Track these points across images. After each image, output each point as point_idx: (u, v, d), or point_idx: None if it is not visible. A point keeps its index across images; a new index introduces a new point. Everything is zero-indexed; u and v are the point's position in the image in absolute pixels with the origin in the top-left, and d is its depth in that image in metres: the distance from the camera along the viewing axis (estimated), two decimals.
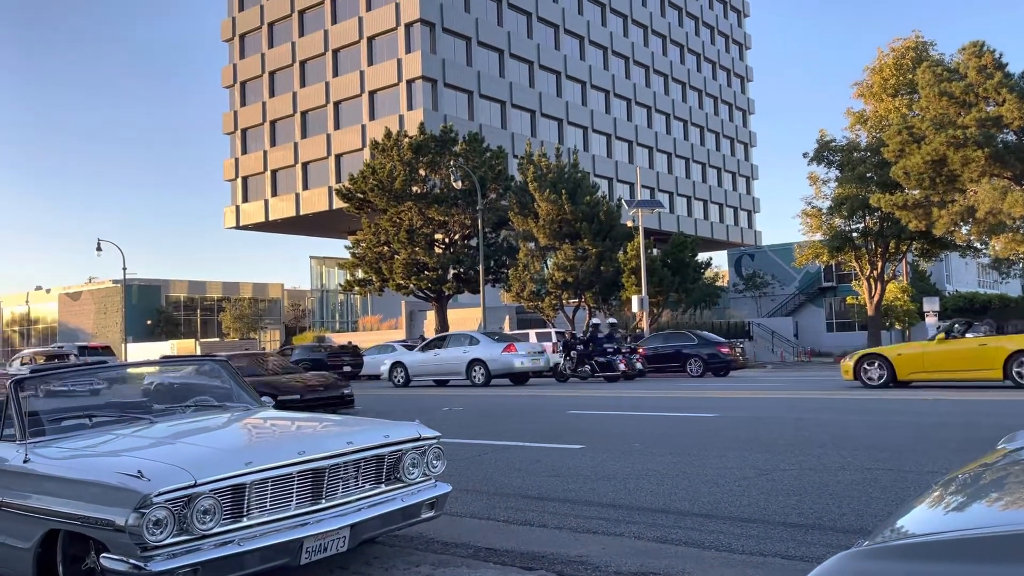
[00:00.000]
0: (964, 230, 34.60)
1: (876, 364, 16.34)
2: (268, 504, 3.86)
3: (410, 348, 27.85)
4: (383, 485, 4.43)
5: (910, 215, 33.40)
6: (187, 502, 3.53)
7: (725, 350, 25.11)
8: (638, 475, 7.27)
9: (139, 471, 3.56)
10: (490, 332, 26.20)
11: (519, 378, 23.06)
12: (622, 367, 22.87)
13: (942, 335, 16.44)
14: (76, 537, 3.79)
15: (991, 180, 30.45)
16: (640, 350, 24.68)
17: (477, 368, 22.64)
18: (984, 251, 42.22)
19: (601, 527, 5.45)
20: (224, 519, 3.66)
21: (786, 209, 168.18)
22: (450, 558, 4.79)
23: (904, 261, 46.75)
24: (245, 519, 3.75)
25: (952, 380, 15.80)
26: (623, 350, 23.58)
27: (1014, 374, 14.72)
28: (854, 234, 41.07)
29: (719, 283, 57.60)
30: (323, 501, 4.07)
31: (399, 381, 23.98)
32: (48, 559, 3.93)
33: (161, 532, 3.45)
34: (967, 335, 16.26)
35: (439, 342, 24.76)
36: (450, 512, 5.61)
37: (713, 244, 72.59)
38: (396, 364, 24.33)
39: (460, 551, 4.94)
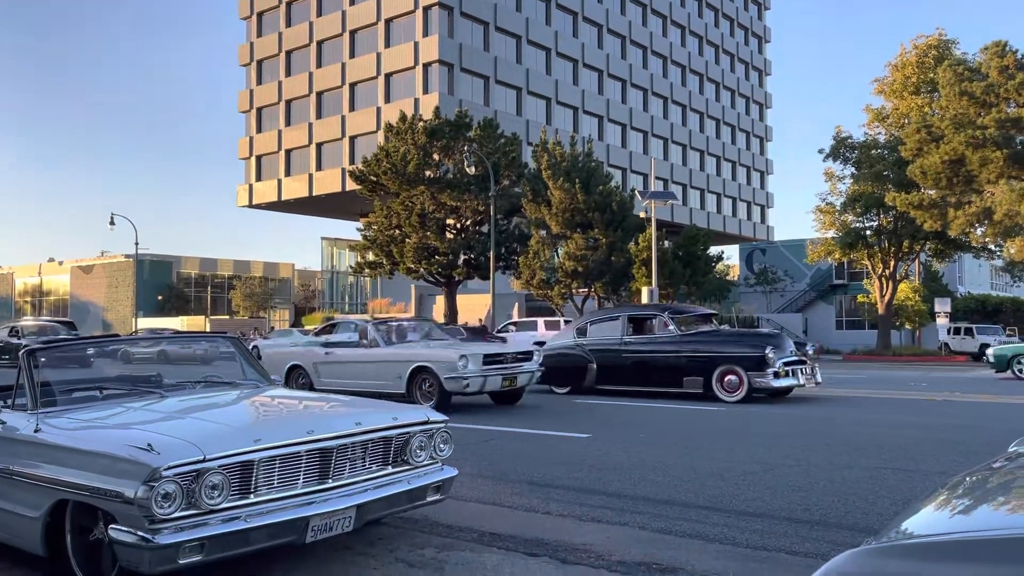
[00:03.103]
0: (979, 232, 34.38)
1: None
2: (276, 482, 3.89)
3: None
4: (390, 467, 4.45)
5: (925, 215, 33.19)
6: (196, 477, 3.56)
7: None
8: (643, 465, 7.29)
9: (149, 444, 3.59)
10: (377, 320, 28.55)
11: None
12: None
13: None
14: (85, 508, 3.82)
15: (1009, 182, 30.22)
16: None
17: None
18: (998, 253, 41.94)
19: (605, 516, 5.47)
20: (232, 495, 3.69)
21: (800, 204, 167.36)
22: (454, 541, 4.82)
23: (917, 261, 46.48)
24: (252, 496, 3.78)
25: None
26: None
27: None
28: (868, 232, 40.86)
29: (729, 277, 57.45)
30: (330, 481, 4.09)
31: None
32: (57, 529, 3.97)
33: (169, 505, 3.48)
34: None
35: (330, 328, 27.45)
36: (455, 496, 5.64)
37: (725, 238, 72.32)
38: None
39: (464, 535, 4.97)
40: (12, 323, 35.89)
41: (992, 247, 39.53)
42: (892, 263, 40.93)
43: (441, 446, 4.74)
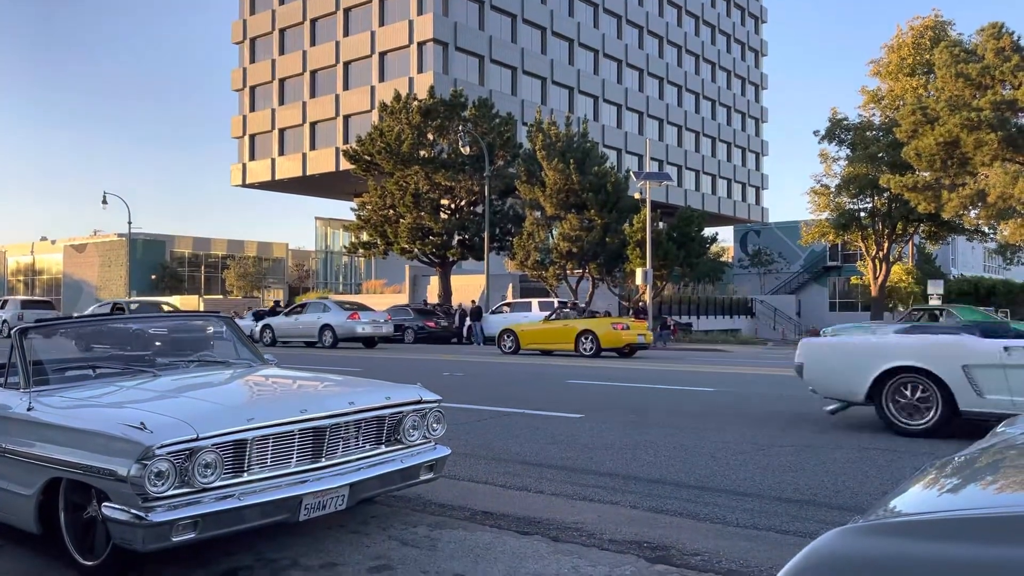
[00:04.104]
0: (973, 214, 34.46)
1: (509, 336, 22.60)
2: (269, 460, 3.90)
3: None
4: (383, 446, 4.46)
5: (919, 197, 33.24)
6: (189, 455, 3.56)
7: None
8: (635, 445, 7.33)
9: (142, 423, 3.59)
10: (341, 302, 29.36)
11: (368, 342, 26.13)
12: None
13: (544, 318, 23.41)
14: (78, 486, 3.83)
15: (1003, 164, 30.24)
16: None
17: (327, 332, 25.55)
18: (992, 236, 42.07)
19: (597, 495, 5.50)
20: (225, 473, 3.70)
21: (795, 186, 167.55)
22: (447, 520, 4.84)
23: (911, 243, 46.61)
24: (246, 474, 3.79)
25: (551, 349, 21.94)
26: None
27: (580, 347, 21.17)
28: (862, 214, 40.95)
29: (723, 259, 57.58)
30: (323, 460, 4.10)
31: (267, 341, 27.03)
32: (50, 506, 3.98)
33: (162, 484, 3.49)
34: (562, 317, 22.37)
35: (300, 308, 28.04)
36: (448, 475, 5.67)
37: (720, 219, 72.33)
38: (266, 326, 27.82)
39: (457, 514, 5.00)
40: (115, 299, 36.12)
41: (986, 229, 39.65)
42: (886, 245, 41.05)
43: (434, 425, 4.75)
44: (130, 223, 50.73)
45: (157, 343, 5.85)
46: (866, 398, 7.96)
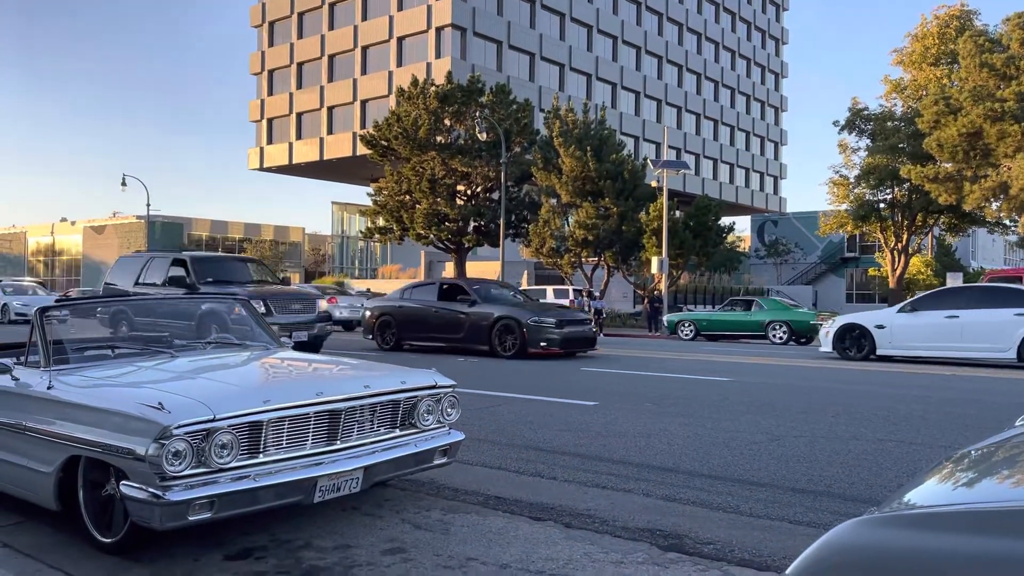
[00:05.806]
0: (995, 206, 34.09)
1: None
2: (284, 442, 3.93)
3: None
4: (398, 430, 4.49)
5: (940, 188, 32.91)
6: (206, 436, 3.60)
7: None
8: (649, 433, 7.33)
9: (160, 403, 3.63)
10: (322, 287, 29.43)
11: (347, 325, 26.94)
12: None
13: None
14: (97, 464, 3.88)
15: None
16: None
17: None
18: (1013, 228, 41.63)
19: (610, 483, 5.51)
20: (241, 454, 3.73)
21: (813, 176, 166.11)
22: (460, 504, 4.87)
23: (930, 235, 46.18)
24: (261, 456, 3.82)
25: None
26: None
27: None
28: (881, 205, 40.60)
29: (740, 248, 57.31)
30: (338, 442, 4.13)
31: None
32: (69, 484, 4.03)
33: (180, 463, 3.53)
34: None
35: None
36: (462, 460, 5.69)
37: (737, 209, 71.91)
38: None
39: (470, 498, 5.02)
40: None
41: (1007, 222, 39.23)
42: (905, 236, 40.70)
43: (448, 410, 4.77)
44: (149, 205, 51.14)
45: (175, 324, 5.89)
46: None
